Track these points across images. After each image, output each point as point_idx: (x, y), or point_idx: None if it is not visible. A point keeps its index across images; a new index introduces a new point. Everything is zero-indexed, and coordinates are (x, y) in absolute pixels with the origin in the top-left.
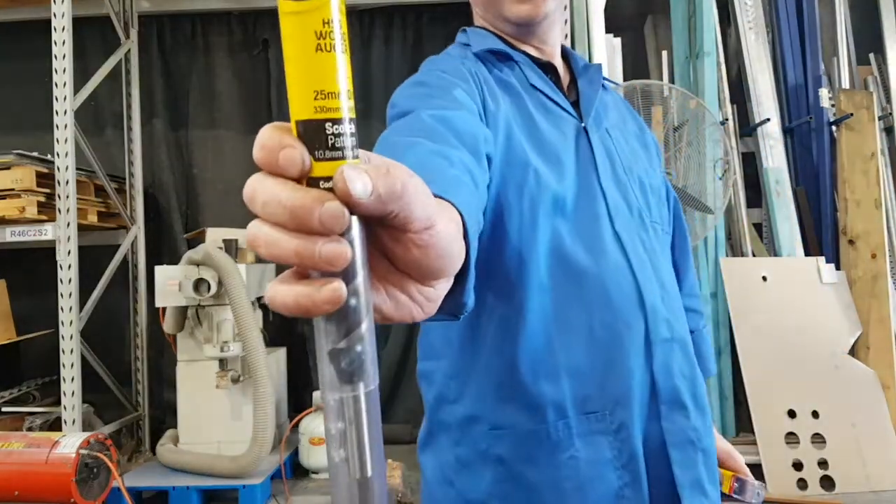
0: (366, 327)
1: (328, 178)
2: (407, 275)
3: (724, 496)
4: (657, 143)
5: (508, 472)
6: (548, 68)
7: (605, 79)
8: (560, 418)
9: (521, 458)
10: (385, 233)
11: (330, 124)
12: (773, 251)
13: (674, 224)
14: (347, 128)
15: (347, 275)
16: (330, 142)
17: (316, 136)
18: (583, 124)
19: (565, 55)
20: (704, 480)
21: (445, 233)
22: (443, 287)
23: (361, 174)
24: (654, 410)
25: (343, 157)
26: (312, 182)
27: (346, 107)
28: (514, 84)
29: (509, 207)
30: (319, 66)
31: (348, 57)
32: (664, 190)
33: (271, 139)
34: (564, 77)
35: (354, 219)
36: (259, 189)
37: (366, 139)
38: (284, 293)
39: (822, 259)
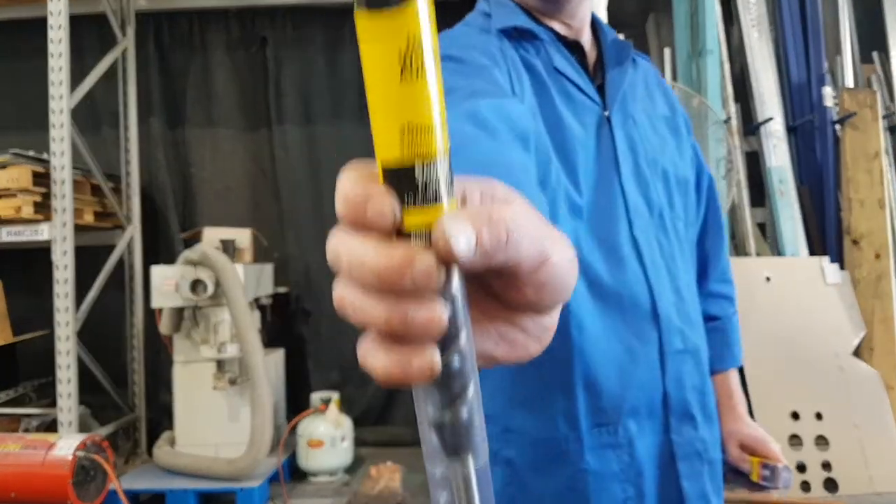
0: (472, 391)
1: (420, 230)
2: (519, 311)
3: (752, 484)
4: (688, 121)
5: (515, 476)
6: (574, 48)
7: (637, 53)
8: (572, 430)
9: (528, 465)
10: (491, 276)
11: (421, 167)
12: (777, 251)
13: (707, 207)
14: (442, 167)
15: (447, 336)
16: (423, 187)
17: (405, 181)
18: (606, 113)
19: (595, 28)
20: (710, 492)
21: (562, 263)
22: (558, 311)
23: (464, 226)
24: (664, 422)
25: (438, 203)
26: (401, 234)
27: (439, 140)
28: (538, 66)
29: None
30: (406, 95)
31: (439, 76)
32: (693, 175)
33: (354, 190)
34: (591, 55)
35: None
36: (343, 250)
37: (364, 135)
38: (373, 361)
39: (825, 259)
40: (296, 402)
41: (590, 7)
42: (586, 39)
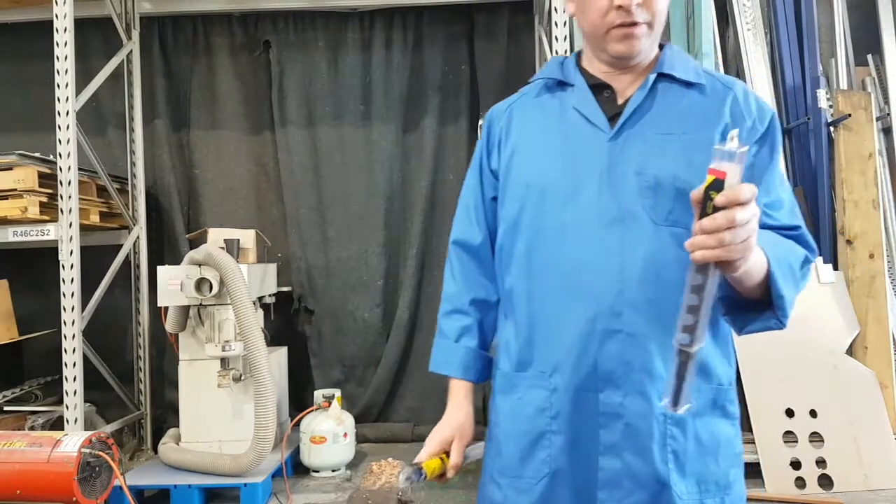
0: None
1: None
2: None
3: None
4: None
5: (494, 398)
6: (603, 88)
7: (692, 77)
8: (512, 370)
9: (498, 389)
10: None
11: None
12: None
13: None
14: None
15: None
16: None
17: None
18: (607, 137)
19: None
20: (623, 448)
21: None
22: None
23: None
24: (594, 384)
25: None
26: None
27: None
28: (554, 107)
29: (518, 218)
30: None
31: None
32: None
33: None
34: (631, 88)
35: None
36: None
37: (366, 138)
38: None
39: (819, 259)
40: (298, 400)
41: (649, 56)
42: (627, 78)
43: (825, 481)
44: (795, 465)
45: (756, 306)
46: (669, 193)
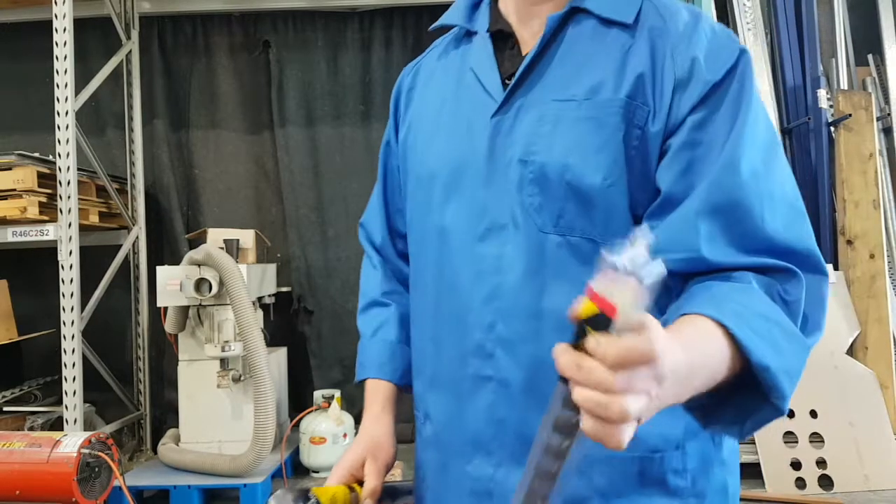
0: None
1: None
2: None
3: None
4: (666, 80)
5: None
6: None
7: (608, 15)
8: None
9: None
10: None
11: None
12: None
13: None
14: None
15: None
16: None
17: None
18: (492, 112)
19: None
20: None
21: None
22: None
23: None
24: (462, 449)
25: None
26: None
27: None
28: (455, 66)
29: (410, 218)
30: None
31: None
32: (601, 179)
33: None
34: (532, 41)
35: None
36: None
37: (365, 138)
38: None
39: None
40: (298, 400)
41: None
42: (539, 22)
43: (825, 482)
44: (796, 465)
45: (735, 398)
46: (558, 191)
